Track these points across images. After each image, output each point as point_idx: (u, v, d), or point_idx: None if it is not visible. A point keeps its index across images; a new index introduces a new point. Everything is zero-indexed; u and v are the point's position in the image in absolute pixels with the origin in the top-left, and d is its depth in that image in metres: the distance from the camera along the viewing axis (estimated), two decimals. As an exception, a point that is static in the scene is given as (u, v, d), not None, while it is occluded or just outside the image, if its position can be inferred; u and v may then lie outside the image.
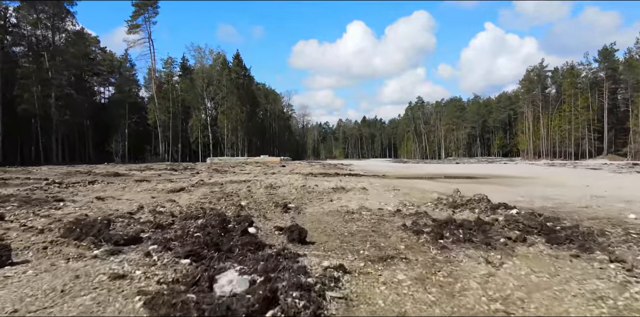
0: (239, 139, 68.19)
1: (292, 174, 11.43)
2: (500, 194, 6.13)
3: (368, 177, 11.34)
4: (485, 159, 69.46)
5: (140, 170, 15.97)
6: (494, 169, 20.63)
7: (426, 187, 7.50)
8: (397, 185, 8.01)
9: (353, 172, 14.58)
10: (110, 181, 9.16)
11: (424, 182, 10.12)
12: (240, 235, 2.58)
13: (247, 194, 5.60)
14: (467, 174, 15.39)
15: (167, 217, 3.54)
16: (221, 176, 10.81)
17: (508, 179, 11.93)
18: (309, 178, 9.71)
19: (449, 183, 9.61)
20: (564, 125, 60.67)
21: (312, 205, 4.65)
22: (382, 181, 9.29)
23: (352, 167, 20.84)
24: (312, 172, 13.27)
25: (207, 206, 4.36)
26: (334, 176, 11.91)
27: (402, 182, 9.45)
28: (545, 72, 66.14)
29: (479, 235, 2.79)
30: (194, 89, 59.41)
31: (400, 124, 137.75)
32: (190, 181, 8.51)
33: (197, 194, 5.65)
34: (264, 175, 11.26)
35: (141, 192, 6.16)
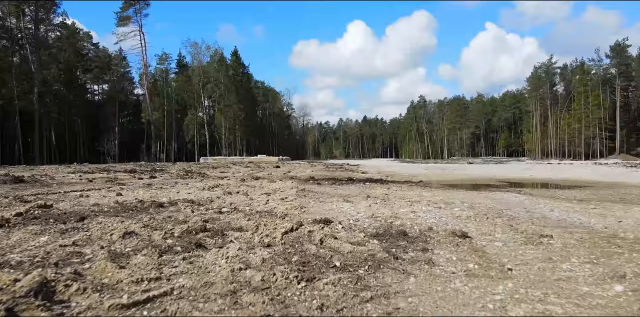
0: (237, 139, 66.05)
1: (285, 181, 8.55)
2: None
3: (409, 187, 7.73)
4: (492, 159, 67.23)
5: (75, 172, 12.40)
6: (555, 172, 16.43)
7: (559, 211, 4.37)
8: (496, 208, 4.61)
9: (370, 175, 11.66)
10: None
11: (513, 196, 6.28)
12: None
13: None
14: (540, 180, 11.93)
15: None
16: (172, 186, 7.33)
17: (629, 188, 8.48)
18: (309, 189, 6.15)
19: (567, 198, 6.19)
20: (574, 124, 58.45)
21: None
22: (448, 196, 5.81)
23: (364, 169, 17.31)
24: (314, 176, 10.75)
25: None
26: (346, 182, 8.87)
27: (480, 197, 6.01)
28: (554, 69, 63.94)
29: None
30: (190, 86, 57.26)
31: (402, 123, 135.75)
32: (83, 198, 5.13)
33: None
34: (241, 182, 8.05)
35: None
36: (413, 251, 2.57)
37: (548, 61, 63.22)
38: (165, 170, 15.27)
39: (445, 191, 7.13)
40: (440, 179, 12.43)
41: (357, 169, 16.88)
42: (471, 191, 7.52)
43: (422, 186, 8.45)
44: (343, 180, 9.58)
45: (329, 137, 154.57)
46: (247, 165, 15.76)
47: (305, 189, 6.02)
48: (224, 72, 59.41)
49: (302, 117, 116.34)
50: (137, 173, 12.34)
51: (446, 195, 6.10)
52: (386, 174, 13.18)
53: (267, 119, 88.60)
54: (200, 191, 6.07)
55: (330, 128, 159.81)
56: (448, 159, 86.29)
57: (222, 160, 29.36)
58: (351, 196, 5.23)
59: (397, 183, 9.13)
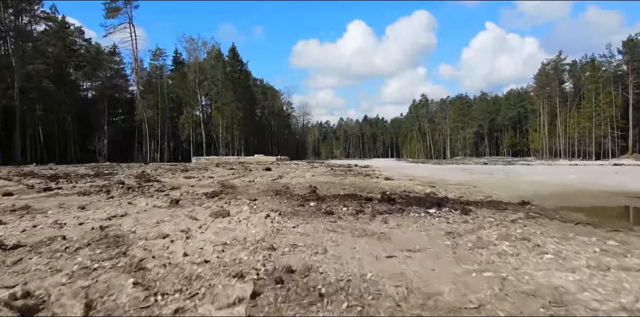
0: (235, 138, 63.92)
1: (262, 199, 5.37)
2: None
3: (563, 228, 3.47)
4: (500, 159, 65.06)
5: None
6: (626, 177, 12.55)
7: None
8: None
9: (405, 184, 8.11)
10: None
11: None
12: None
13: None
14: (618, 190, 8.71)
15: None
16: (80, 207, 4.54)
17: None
18: (307, 232, 3.21)
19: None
20: (584, 122, 56.32)
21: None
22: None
23: (380, 171, 13.58)
24: (316, 187, 7.19)
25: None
26: (384, 204, 4.94)
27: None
28: (563, 65, 61.74)
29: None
30: (185, 83, 55.13)
31: (403, 122, 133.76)
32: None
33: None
34: (170, 209, 4.54)
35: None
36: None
37: (557, 57, 61.12)
38: (115, 173, 12.20)
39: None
40: (538, 192, 7.84)
41: (373, 172, 12.61)
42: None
43: (563, 220, 3.95)
44: (371, 197, 5.55)
45: (329, 136, 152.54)
46: (231, 167, 13.06)
47: (297, 232, 3.13)
48: (220, 68, 57.26)
49: (302, 117, 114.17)
50: (85, 177, 9.93)
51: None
52: (426, 182, 9.08)
53: (266, 118, 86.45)
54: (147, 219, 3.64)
55: (330, 128, 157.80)
56: (451, 159, 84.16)
57: (215, 160, 27.25)
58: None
59: (491, 209, 4.67)
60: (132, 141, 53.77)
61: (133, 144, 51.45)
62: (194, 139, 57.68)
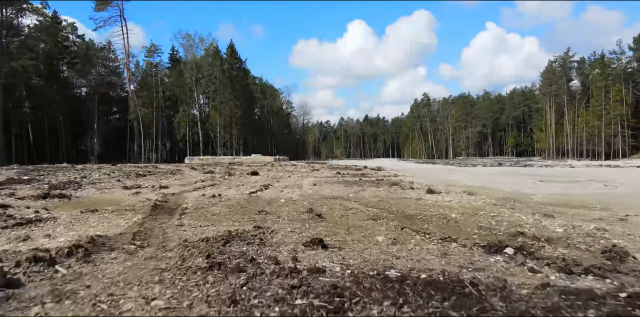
0: (234, 137, 62.22)
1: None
2: None
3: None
4: (506, 160, 63.28)
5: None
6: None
7: None
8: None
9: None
10: None
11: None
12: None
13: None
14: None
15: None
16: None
17: None
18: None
19: None
20: (593, 121, 54.57)
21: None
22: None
23: (405, 177, 10.26)
24: (319, 210, 4.84)
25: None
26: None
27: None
28: (571, 63, 59.89)
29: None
30: (182, 80, 53.45)
31: (404, 122, 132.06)
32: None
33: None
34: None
35: None
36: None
37: (565, 54, 59.23)
38: (33, 180, 9.25)
39: None
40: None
41: (396, 177, 9.35)
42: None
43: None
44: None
45: (330, 136, 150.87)
46: (212, 170, 11.18)
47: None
48: (218, 66, 55.56)
49: (302, 116, 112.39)
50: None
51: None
52: (501, 199, 6.06)
53: (266, 117, 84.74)
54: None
55: (330, 127, 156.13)
56: (455, 159, 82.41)
57: (210, 159, 25.56)
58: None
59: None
60: (126, 140, 52.10)
61: (127, 144, 49.77)
62: (190, 139, 55.99)
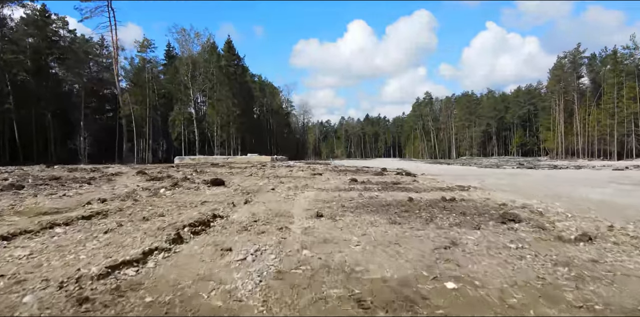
0: (231, 136, 60.09)
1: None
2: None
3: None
4: (514, 160, 61.17)
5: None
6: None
7: None
8: None
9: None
10: None
11: None
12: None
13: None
14: None
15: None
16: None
17: None
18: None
19: None
20: (604, 119, 52.39)
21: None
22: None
23: (453, 183, 8.26)
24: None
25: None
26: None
27: None
28: (581, 59, 57.64)
29: None
30: (177, 77, 51.35)
31: (406, 121, 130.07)
32: None
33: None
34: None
35: None
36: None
37: (575, 50, 56.96)
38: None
39: None
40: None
41: (472, 194, 5.79)
42: None
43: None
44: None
45: (330, 136, 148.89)
46: (161, 176, 8.30)
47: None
48: (214, 62, 53.45)
49: (302, 115, 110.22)
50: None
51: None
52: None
53: (265, 115, 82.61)
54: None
55: (331, 127, 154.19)
56: (458, 159, 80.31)
57: (202, 159, 23.45)
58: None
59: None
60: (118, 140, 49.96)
61: (118, 143, 47.64)
62: (186, 138, 53.89)
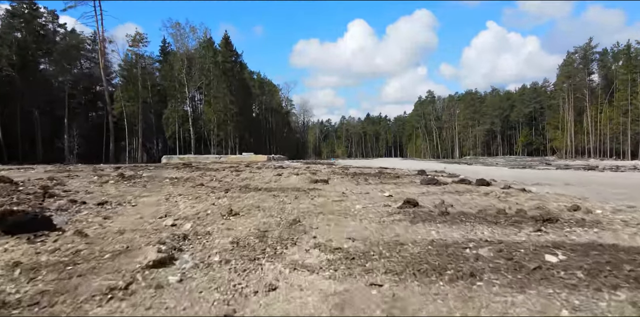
0: (229, 135, 57.97)
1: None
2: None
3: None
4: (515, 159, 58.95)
5: None
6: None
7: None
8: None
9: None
10: None
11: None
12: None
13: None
14: None
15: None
16: None
17: None
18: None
19: None
20: (617, 117, 50.19)
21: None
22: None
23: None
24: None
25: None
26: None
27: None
28: (592, 54, 55.32)
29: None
30: (171, 73, 49.24)
31: (407, 120, 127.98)
32: None
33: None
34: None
35: None
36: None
37: (586, 45, 54.60)
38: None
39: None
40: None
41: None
42: None
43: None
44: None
45: (331, 135, 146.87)
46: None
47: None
48: (210, 57, 51.31)
49: (302, 115, 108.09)
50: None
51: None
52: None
53: (264, 114, 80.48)
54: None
55: (332, 126, 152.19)
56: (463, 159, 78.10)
57: (192, 158, 21.35)
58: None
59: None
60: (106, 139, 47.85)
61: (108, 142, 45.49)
62: (181, 136, 51.76)
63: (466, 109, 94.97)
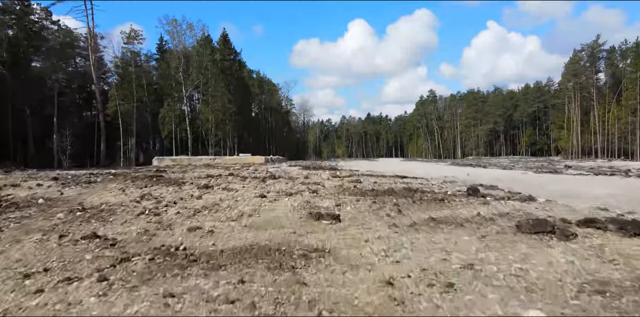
0: (227, 135, 56.71)
1: None
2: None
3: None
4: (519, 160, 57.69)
5: None
6: None
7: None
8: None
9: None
10: None
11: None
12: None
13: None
14: None
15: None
16: None
17: None
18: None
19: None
20: (626, 117, 48.87)
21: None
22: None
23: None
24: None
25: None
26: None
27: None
28: (600, 52, 53.91)
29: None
30: (167, 71, 47.97)
31: (408, 120, 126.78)
32: None
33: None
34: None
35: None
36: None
37: (594, 42, 53.20)
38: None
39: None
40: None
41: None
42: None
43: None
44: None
45: (331, 135, 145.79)
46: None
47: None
48: (208, 55, 50.04)
49: (302, 114, 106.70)
50: None
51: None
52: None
53: (263, 114, 79.17)
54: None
55: (332, 126, 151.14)
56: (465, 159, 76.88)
57: (185, 160, 20.05)
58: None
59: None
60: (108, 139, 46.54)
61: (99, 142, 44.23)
62: (178, 136, 50.42)
63: (468, 108, 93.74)
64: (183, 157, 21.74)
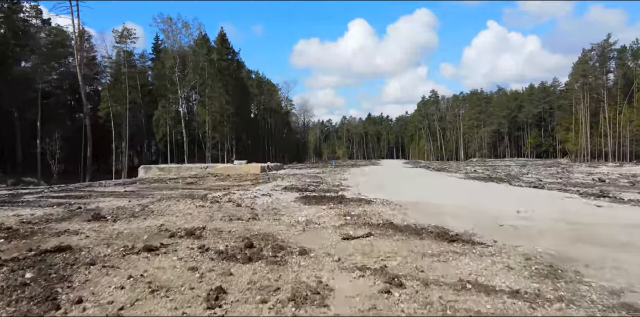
0: (225, 137, 54.95)
1: None
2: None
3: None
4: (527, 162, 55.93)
5: None
6: None
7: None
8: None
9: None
10: None
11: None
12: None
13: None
14: None
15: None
16: None
17: None
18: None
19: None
20: (638, 119, 47.07)
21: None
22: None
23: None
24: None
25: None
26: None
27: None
28: (610, 51, 52.02)
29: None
30: (162, 71, 46.21)
31: (410, 121, 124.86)
32: None
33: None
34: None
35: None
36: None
37: (604, 42, 51.32)
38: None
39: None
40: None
41: None
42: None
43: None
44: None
45: (332, 136, 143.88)
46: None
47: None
48: (205, 55, 48.25)
49: (302, 115, 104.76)
50: None
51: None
52: None
53: (262, 115, 77.33)
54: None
55: (332, 127, 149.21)
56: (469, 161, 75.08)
57: (174, 170, 18.28)
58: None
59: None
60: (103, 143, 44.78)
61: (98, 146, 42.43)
62: (173, 139, 48.66)
63: (471, 109, 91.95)
64: (172, 166, 19.91)
